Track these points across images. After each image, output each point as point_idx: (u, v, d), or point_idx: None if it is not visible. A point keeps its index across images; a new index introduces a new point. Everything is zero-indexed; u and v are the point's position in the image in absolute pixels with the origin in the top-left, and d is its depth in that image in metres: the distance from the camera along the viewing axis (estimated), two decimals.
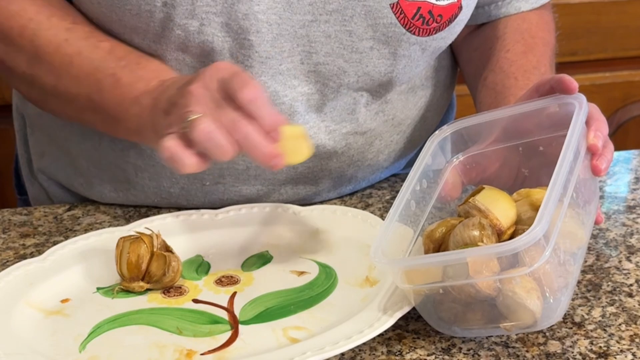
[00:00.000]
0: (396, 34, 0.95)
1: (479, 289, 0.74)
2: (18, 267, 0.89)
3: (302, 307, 0.84)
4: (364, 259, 0.89)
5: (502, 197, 0.82)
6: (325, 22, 0.94)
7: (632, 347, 0.78)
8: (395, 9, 0.94)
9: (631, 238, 0.96)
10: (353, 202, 1.06)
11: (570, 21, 1.85)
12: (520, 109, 0.88)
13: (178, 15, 0.91)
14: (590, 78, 1.94)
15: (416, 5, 0.94)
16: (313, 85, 0.98)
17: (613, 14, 1.88)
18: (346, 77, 0.97)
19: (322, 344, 0.76)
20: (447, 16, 0.97)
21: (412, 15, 0.94)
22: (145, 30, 0.93)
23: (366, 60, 0.97)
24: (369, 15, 0.94)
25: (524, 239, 0.71)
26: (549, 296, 0.75)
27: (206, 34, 0.92)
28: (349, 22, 0.94)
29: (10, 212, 1.05)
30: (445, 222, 0.82)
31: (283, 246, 0.94)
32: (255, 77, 0.95)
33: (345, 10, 0.93)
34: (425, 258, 0.79)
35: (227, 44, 0.93)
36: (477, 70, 1.09)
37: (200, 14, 0.91)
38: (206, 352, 0.78)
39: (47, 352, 0.79)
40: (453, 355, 0.78)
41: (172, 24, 0.92)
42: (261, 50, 0.94)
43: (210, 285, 0.88)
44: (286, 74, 0.96)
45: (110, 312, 0.84)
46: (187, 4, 0.91)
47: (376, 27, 0.94)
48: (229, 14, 0.92)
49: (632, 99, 1.97)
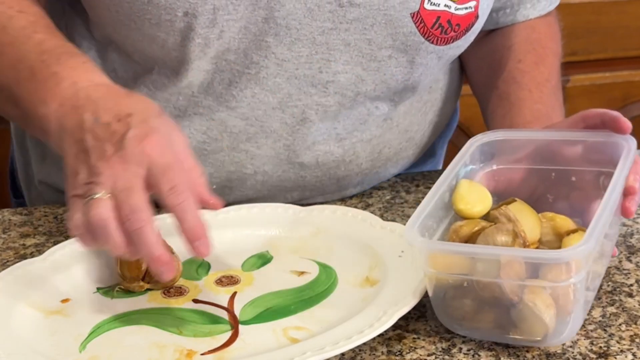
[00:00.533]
0: (415, 43, 0.95)
1: (504, 291, 0.75)
2: (18, 267, 0.89)
3: (302, 307, 0.84)
4: (364, 259, 0.89)
5: (531, 214, 0.83)
6: (345, 31, 0.94)
7: (632, 347, 0.78)
8: (415, 18, 0.94)
9: (631, 238, 0.96)
10: (353, 202, 1.06)
11: (570, 21, 1.84)
12: (565, 135, 0.89)
13: (199, 24, 0.91)
14: (590, 78, 1.94)
15: (436, 14, 0.94)
16: (331, 97, 0.97)
17: (613, 14, 1.88)
18: (364, 85, 0.97)
19: (322, 344, 0.76)
20: (464, 25, 0.97)
21: (431, 24, 0.95)
22: (164, 40, 0.93)
23: (384, 69, 0.97)
24: (389, 24, 0.94)
25: (570, 252, 0.73)
26: (564, 317, 0.76)
27: (225, 38, 0.93)
28: (369, 30, 0.94)
29: (10, 212, 1.05)
30: (474, 221, 0.82)
31: (283, 246, 0.94)
32: (270, 77, 0.95)
33: (366, 19, 0.93)
34: (461, 246, 0.78)
35: (244, 45, 0.93)
36: (487, 79, 1.09)
37: (222, 22, 0.91)
38: (206, 352, 0.78)
39: (47, 352, 0.79)
40: (453, 355, 0.78)
41: (192, 34, 0.92)
42: (278, 52, 0.94)
43: (210, 285, 0.88)
44: (302, 79, 0.96)
45: (110, 312, 0.84)
46: (209, 13, 0.90)
47: (396, 35, 0.94)
48: (249, 18, 0.92)
49: (632, 99, 1.97)
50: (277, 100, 0.97)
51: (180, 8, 0.90)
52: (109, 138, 0.79)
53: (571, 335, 0.78)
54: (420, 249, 0.77)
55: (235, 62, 0.95)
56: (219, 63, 0.95)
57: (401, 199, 1.06)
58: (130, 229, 0.75)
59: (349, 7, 0.92)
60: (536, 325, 0.75)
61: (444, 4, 0.95)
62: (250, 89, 0.96)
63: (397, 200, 1.05)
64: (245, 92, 0.96)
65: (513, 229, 0.78)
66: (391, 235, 0.91)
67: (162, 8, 0.90)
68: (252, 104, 0.97)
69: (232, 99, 0.97)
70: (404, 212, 1.03)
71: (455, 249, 0.78)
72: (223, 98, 0.97)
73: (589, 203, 0.85)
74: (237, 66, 0.95)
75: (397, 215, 1.02)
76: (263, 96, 0.96)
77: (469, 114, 1.88)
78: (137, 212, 0.75)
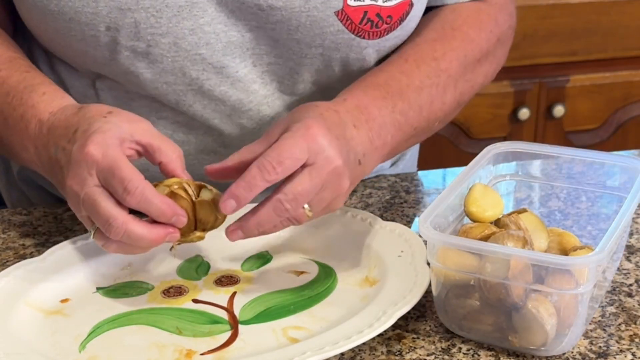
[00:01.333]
0: (345, 40, 0.93)
1: (510, 294, 0.75)
2: (18, 267, 0.89)
3: (302, 307, 0.84)
4: (364, 259, 0.89)
5: (540, 226, 0.83)
6: (272, 30, 0.92)
7: (631, 347, 0.78)
8: (340, 16, 0.91)
9: (631, 238, 0.96)
10: (353, 202, 1.06)
11: (570, 21, 1.85)
12: (585, 155, 0.89)
13: (123, 37, 0.91)
14: (590, 78, 1.94)
15: (362, 9, 0.91)
16: (270, 86, 0.96)
17: (613, 14, 1.88)
18: (300, 76, 0.96)
19: (322, 344, 0.76)
20: (397, 16, 0.94)
21: (359, 20, 0.92)
22: (94, 55, 0.93)
23: (318, 64, 0.95)
24: (314, 25, 0.91)
25: (582, 259, 0.73)
26: (564, 328, 0.76)
27: (155, 55, 0.92)
28: (295, 32, 0.92)
29: (10, 212, 1.05)
30: (485, 225, 0.82)
31: (283, 246, 0.94)
32: (215, 88, 0.95)
33: (289, 21, 0.91)
34: (473, 242, 0.78)
35: (178, 64, 0.93)
36: None
37: (146, 35, 0.91)
38: (206, 352, 0.78)
39: (47, 352, 0.79)
40: (453, 355, 0.78)
41: (119, 47, 0.91)
42: (214, 61, 0.93)
43: (210, 285, 0.88)
44: (245, 80, 0.95)
45: (110, 312, 0.84)
46: (131, 26, 0.90)
47: (324, 35, 0.92)
48: (175, 32, 0.91)
49: (632, 99, 1.97)
50: (229, 107, 0.97)
51: (102, 23, 0.90)
52: (66, 161, 0.82)
53: (568, 347, 0.78)
54: (432, 242, 0.78)
55: (175, 83, 0.94)
56: (159, 87, 0.94)
57: (401, 199, 1.06)
58: (118, 239, 0.79)
59: (270, 10, 0.90)
60: (536, 333, 0.75)
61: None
62: (199, 102, 0.96)
63: (397, 200, 1.05)
64: (195, 106, 0.96)
65: (524, 236, 0.78)
66: (391, 235, 0.91)
67: (84, 24, 0.90)
68: (206, 114, 0.97)
69: (185, 113, 0.97)
70: (404, 212, 1.03)
71: (467, 245, 0.77)
72: (176, 112, 0.97)
73: None
74: (178, 87, 0.95)
75: (397, 215, 1.02)
76: (214, 106, 0.96)
77: (468, 114, 1.88)
78: (110, 222, 0.78)
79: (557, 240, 0.83)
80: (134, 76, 0.94)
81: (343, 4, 0.91)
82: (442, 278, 0.79)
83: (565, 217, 0.90)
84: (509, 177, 0.92)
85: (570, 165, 0.90)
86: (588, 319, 0.80)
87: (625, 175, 0.87)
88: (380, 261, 0.88)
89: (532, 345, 0.77)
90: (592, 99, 1.95)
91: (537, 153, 0.91)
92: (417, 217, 1.01)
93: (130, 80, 0.95)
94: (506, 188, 0.92)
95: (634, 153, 1.18)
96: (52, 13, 0.90)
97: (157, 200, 0.79)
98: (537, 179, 0.92)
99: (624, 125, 1.99)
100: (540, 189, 0.93)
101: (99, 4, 0.89)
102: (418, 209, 1.03)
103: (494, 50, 1.00)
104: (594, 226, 0.91)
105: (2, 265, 0.93)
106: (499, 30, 1.01)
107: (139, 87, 0.95)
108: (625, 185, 0.86)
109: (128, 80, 0.95)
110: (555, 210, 0.91)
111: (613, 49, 1.92)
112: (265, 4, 0.90)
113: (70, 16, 0.90)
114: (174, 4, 0.90)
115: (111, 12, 0.89)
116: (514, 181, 0.92)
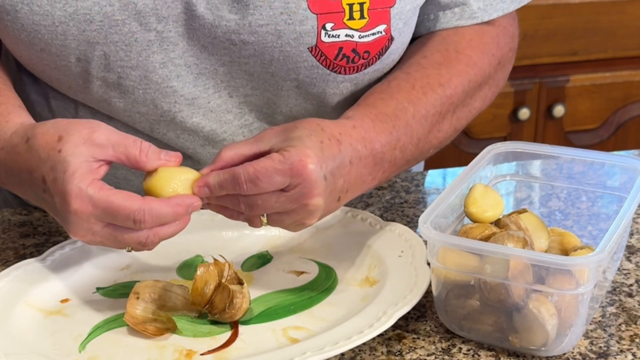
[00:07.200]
0: (320, 75, 0.91)
1: (511, 294, 0.75)
2: (18, 267, 0.89)
3: (302, 307, 0.84)
4: (364, 259, 0.89)
5: (541, 226, 0.83)
6: (245, 64, 0.91)
7: (632, 347, 0.78)
8: (314, 52, 0.90)
9: (631, 238, 0.96)
10: (353, 202, 1.06)
11: (570, 21, 1.85)
12: (585, 155, 0.89)
13: (94, 69, 0.90)
14: (590, 78, 1.94)
15: (337, 45, 0.90)
16: (249, 116, 0.96)
17: (613, 14, 1.88)
18: (278, 108, 0.95)
19: (322, 344, 0.76)
20: (375, 51, 0.92)
21: (333, 56, 0.90)
22: (68, 82, 0.93)
23: (295, 96, 0.94)
24: (288, 60, 0.90)
25: (583, 260, 0.73)
26: (565, 328, 0.76)
27: (126, 86, 0.91)
28: (269, 65, 0.91)
29: (10, 212, 1.05)
30: (485, 225, 0.82)
31: (283, 246, 0.94)
32: (187, 119, 0.94)
33: (262, 56, 0.90)
34: (473, 243, 0.78)
35: (150, 96, 0.92)
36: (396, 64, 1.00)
37: (116, 68, 0.90)
38: (206, 352, 0.78)
39: (47, 352, 0.79)
40: (453, 355, 0.78)
41: (90, 77, 0.91)
42: (186, 92, 0.92)
43: None
44: (217, 110, 0.94)
45: (110, 312, 0.84)
46: (101, 59, 0.90)
47: (298, 70, 0.91)
48: (145, 66, 0.90)
49: (632, 99, 1.97)
50: (202, 138, 0.96)
51: (72, 55, 0.90)
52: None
53: (568, 347, 0.78)
54: (433, 242, 0.77)
55: (147, 114, 0.94)
56: (132, 116, 0.94)
57: (401, 199, 1.06)
58: (127, 243, 0.79)
59: (242, 45, 0.89)
60: (537, 333, 0.75)
61: (344, 34, 0.89)
62: (172, 131, 0.96)
63: (397, 200, 1.05)
64: (169, 135, 0.96)
65: (524, 237, 0.78)
66: (391, 235, 0.91)
67: (55, 55, 0.90)
68: (180, 143, 0.97)
69: (160, 140, 0.96)
70: (404, 212, 1.03)
71: (467, 245, 0.77)
72: (151, 137, 0.96)
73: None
74: (150, 117, 0.94)
75: (397, 215, 1.02)
76: (187, 135, 0.96)
77: None
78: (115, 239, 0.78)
79: (558, 240, 0.83)
80: (107, 104, 0.94)
81: (317, 40, 0.89)
82: (443, 278, 0.79)
83: (566, 217, 0.90)
84: (509, 177, 0.92)
85: (571, 166, 0.90)
86: (588, 319, 0.80)
87: (625, 175, 0.87)
88: (381, 261, 0.88)
89: (533, 346, 0.77)
90: (592, 99, 1.95)
91: (537, 153, 0.91)
92: (418, 217, 1.01)
93: (104, 108, 0.95)
94: (506, 188, 0.92)
95: (634, 153, 1.18)
96: (23, 43, 0.90)
97: (167, 209, 0.77)
98: (537, 179, 0.92)
99: (624, 125, 1.99)
100: (541, 189, 0.93)
101: (67, 37, 0.88)
102: (418, 209, 1.03)
103: (494, 74, 0.99)
104: (594, 226, 0.91)
105: (2, 265, 0.93)
106: (501, 54, 0.99)
107: (114, 114, 0.95)
108: (625, 186, 0.86)
109: (102, 108, 0.95)
110: (555, 211, 0.91)
111: (613, 49, 1.92)
112: (237, 39, 0.89)
113: (41, 47, 0.90)
114: (143, 38, 0.89)
115: (80, 45, 0.89)
116: (514, 181, 0.92)
